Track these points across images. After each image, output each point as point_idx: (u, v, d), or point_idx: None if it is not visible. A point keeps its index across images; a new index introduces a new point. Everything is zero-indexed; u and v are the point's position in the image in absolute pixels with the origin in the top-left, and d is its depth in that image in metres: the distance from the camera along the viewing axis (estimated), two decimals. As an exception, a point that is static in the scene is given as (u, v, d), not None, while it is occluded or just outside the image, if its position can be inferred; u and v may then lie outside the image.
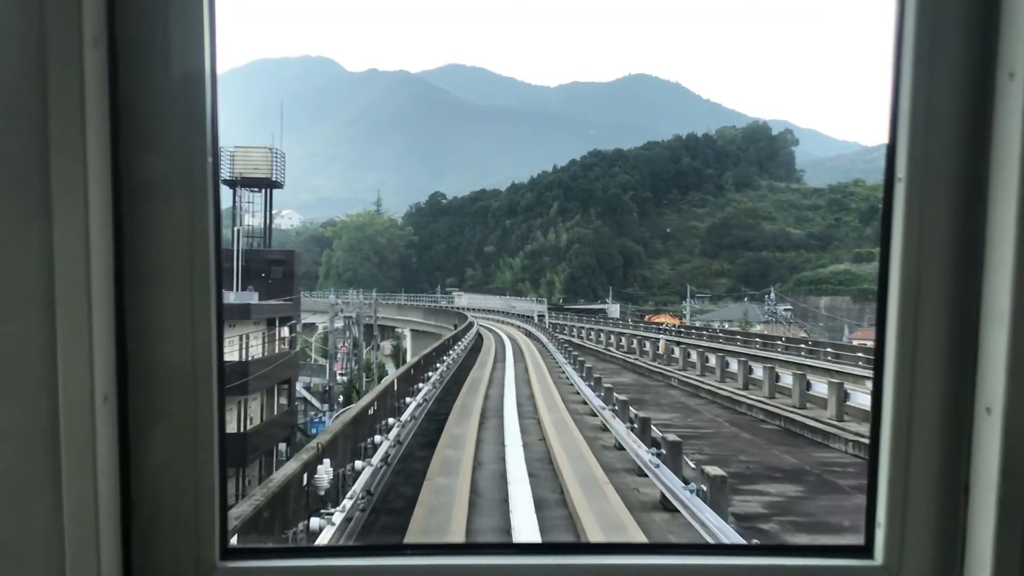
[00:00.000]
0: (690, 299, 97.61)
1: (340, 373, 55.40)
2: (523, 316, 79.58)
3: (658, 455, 12.94)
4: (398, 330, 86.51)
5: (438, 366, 27.89)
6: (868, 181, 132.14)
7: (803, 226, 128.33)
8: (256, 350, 35.89)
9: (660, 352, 41.68)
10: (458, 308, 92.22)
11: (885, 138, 1.33)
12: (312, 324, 58.08)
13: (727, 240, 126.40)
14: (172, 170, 1.25)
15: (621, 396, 20.25)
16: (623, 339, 51.31)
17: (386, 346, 78.31)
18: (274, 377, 37.17)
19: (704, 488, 10.80)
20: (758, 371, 28.82)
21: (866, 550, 1.36)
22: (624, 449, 15.99)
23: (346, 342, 57.05)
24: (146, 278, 1.25)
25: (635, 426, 16.81)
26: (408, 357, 63.88)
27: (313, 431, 40.34)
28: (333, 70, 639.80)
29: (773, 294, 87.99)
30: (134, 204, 1.24)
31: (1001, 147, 1.22)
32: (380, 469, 13.38)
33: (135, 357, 1.26)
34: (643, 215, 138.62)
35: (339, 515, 9.40)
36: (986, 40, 1.24)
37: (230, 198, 46.21)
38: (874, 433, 1.36)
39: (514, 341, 52.56)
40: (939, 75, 1.26)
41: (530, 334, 59.18)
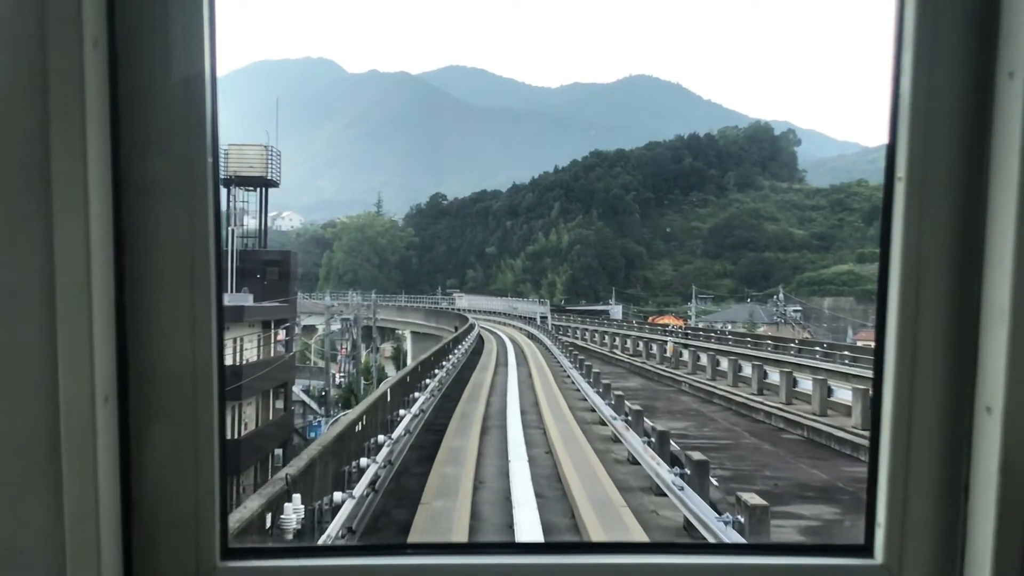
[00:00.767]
0: (695, 300, 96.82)
1: (341, 376, 55.12)
2: (525, 318, 79.34)
3: (682, 475, 11.96)
4: (398, 332, 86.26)
5: (436, 372, 26.69)
6: (871, 181, 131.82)
7: (806, 226, 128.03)
8: (251, 353, 35.06)
9: (668, 355, 41.08)
10: (459, 310, 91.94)
11: (885, 138, 1.33)
12: (312, 326, 57.95)
13: (729, 241, 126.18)
14: (172, 170, 1.25)
15: (635, 406, 18.92)
16: (628, 341, 50.73)
17: (386, 348, 78.22)
18: (269, 381, 36.24)
19: (741, 519, 9.60)
20: (773, 375, 27.89)
21: (866, 549, 1.36)
22: (639, 463, 15.09)
23: (345, 344, 56.76)
24: (146, 279, 1.25)
25: (651, 440, 15.46)
26: (408, 359, 63.77)
27: (312, 435, 39.80)
28: (334, 72, 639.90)
29: (782, 295, 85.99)
30: (134, 204, 1.24)
31: (1001, 147, 1.22)
32: (367, 497, 12.46)
33: (135, 358, 1.26)
34: (645, 216, 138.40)
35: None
36: (986, 40, 1.24)
37: (225, 198, 45.37)
38: (874, 433, 1.36)
39: (516, 343, 52.07)
40: (939, 75, 1.26)
41: (532, 336, 58.92)
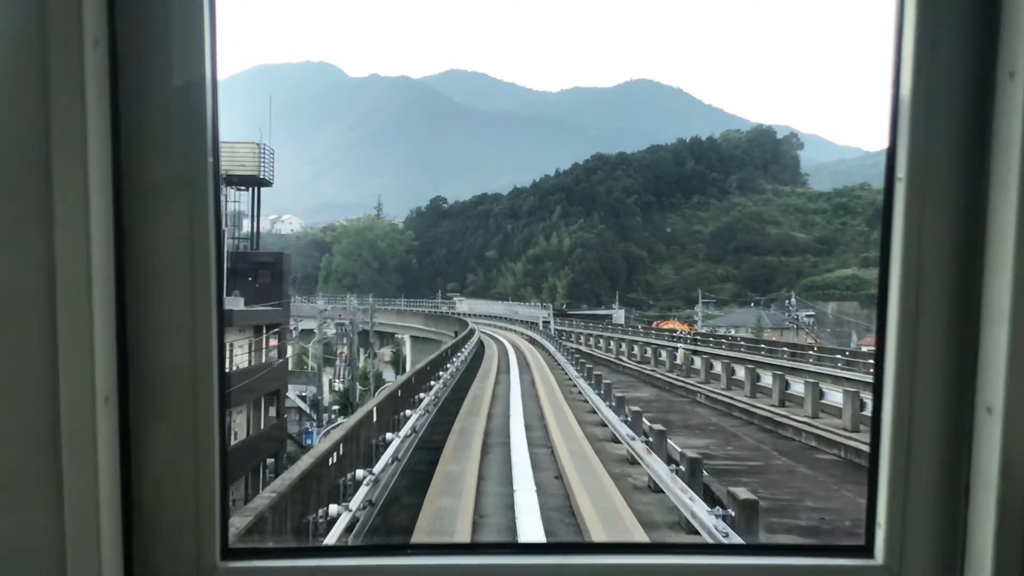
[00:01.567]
0: (701, 304, 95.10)
1: (339, 381, 54.70)
2: (526, 322, 78.83)
3: (724, 517, 9.92)
4: (398, 336, 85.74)
5: (432, 384, 23.99)
6: (874, 185, 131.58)
7: (809, 230, 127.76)
8: (242, 359, 34.05)
9: (678, 362, 39.15)
10: (459, 314, 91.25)
11: (886, 139, 1.33)
12: (310, 330, 57.72)
13: (732, 244, 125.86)
14: (173, 171, 1.25)
15: (656, 425, 16.57)
16: (635, 347, 48.79)
17: (385, 352, 77.93)
18: (261, 388, 35.09)
19: None
20: (796, 386, 25.76)
21: (866, 550, 1.36)
22: (662, 491, 13.35)
23: (343, 348, 56.35)
24: (147, 279, 1.26)
25: (681, 468, 12.92)
26: (408, 364, 63.43)
27: (308, 442, 39.06)
28: (335, 75, 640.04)
29: (794, 299, 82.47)
30: (135, 205, 1.24)
31: (1001, 147, 1.22)
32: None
33: (136, 358, 1.26)
34: (647, 219, 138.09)
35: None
36: (986, 40, 1.24)
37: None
38: (874, 433, 1.36)
39: (517, 348, 51.17)
40: (939, 75, 1.26)
41: (534, 341, 57.95)
